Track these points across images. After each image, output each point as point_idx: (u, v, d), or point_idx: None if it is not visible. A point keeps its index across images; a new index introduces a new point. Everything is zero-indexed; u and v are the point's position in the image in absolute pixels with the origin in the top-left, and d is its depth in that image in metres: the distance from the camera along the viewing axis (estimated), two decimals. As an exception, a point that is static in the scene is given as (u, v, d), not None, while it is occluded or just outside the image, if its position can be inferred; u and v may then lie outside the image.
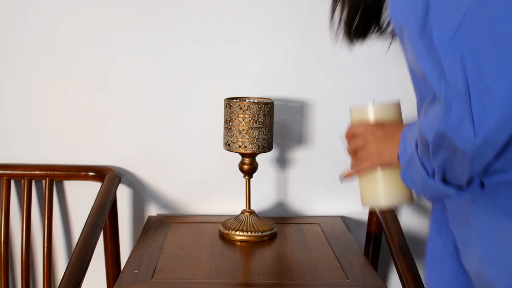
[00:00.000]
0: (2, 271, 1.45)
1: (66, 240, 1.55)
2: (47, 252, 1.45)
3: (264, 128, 1.30)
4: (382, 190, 0.90)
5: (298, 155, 1.54)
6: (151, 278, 1.11)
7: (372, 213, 1.50)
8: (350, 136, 0.92)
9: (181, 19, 1.46)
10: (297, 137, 1.53)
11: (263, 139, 1.30)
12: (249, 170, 1.34)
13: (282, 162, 1.54)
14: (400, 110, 0.92)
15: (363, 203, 0.95)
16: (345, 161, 1.52)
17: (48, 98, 1.49)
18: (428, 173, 0.73)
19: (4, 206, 1.45)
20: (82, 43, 1.47)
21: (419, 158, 0.73)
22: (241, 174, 1.36)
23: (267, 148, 1.32)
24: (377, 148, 0.87)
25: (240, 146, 1.30)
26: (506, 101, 0.58)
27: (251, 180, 1.37)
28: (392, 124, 0.88)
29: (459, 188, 0.71)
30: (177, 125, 1.51)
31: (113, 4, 1.45)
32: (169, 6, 1.45)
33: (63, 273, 1.11)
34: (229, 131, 1.31)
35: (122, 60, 1.48)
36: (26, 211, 1.45)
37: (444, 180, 0.72)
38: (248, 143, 1.29)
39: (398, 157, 0.81)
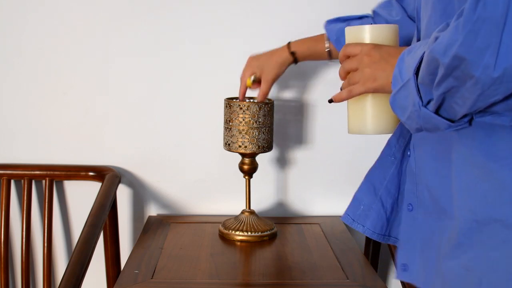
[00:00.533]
0: (2, 271, 1.45)
1: (66, 240, 1.55)
2: (47, 252, 1.45)
3: (264, 128, 1.30)
4: (370, 117, 0.86)
5: (298, 155, 1.54)
6: (151, 278, 1.11)
7: (372, 213, 1.50)
8: (345, 56, 0.86)
9: (181, 19, 1.46)
10: (297, 137, 1.53)
11: (263, 139, 1.30)
12: (249, 170, 1.34)
13: (282, 162, 1.54)
14: (398, 34, 0.88)
15: (349, 131, 0.91)
16: (345, 161, 1.53)
17: (48, 98, 1.49)
18: (422, 101, 0.71)
19: (4, 206, 1.45)
20: (82, 43, 1.47)
21: (416, 84, 0.70)
22: (241, 174, 1.36)
23: (267, 148, 1.32)
24: (372, 71, 0.82)
25: (240, 146, 1.30)
26: None
27: (251, 180, 1.37)
28: (390, 46, 0.83)
29: (450, 121, 0.70)
30: (177, 125, 1.51)
31: (113, 5, 1.45)
32: (169, 7, 1.45)
33: (63, 273, 1.11)
34: (229, 131, 1.31)
35: (122, 60, 1.48)
36: (26, 211, 1.45)
37: (437, 112, 0.71)
38: (248, 143, 1.29)
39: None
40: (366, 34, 0.85)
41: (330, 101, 0.91)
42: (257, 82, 1.29)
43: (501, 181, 0.68)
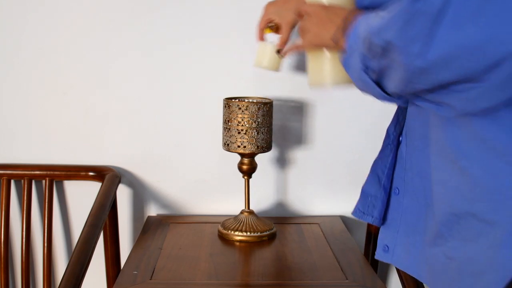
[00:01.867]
0: (2, 271, 1.45)
1: (66, 240, 1.55)
2: (47, 252, 1.45)
3: (263, 128, 1.30)
4: (328, 70, 0.93)
5: (298, 155, 1.54)
6: (150, 279, 1.11)
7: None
8: (300, 14, 0.96)
9: (180, 19, 1.46)
10: (297, 137, 1.53)
11: (262, 139, 1.30)
12: (248, 170, 1.35)
13: (282, 162, 1.54)
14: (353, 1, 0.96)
15: (310, 83, 0.98)
16: (345, 161, 1.53)
17: (48, 98, 1.49)
18: (365, 68, 0.77)
19: (4, 206, 1.45)
20: (82, 43, 1.47)
21: (362, 52, 0.76)
22: (240, 174, 1.36)
23: (266, 148, 1.32)
24: (317, 29, 0.90)
25: (239, 146, 1.30)
26: (467, 43, 0.59)
27: (250, 180, 1.37)
28: (337, 8, 0.90)
29: (386, 93, 0.76)
30: (176, 125, 1.51)
31: (113, 4, 1.45)
32: (169, 7, 1.45)
33: (63, 273, 1.12)
34: (228, 131, 1.31)
35: (122, 60, 1.48)
36: (26, 211, 1.45)
37: (377, 83, 0.77)
38: (247, 143, 1.29)
39: (332, 39, 0.86)
40: None
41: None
42: (275, 28, 1.19)
43: (473, 178, 0.70)
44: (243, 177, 1.36)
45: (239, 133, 1.29)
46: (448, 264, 0.76)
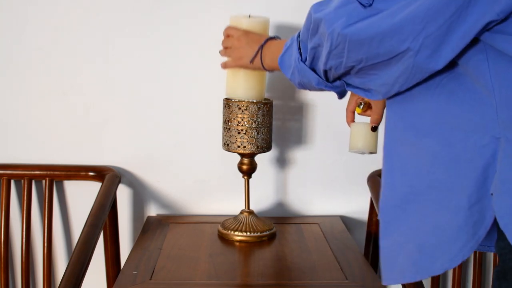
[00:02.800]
0: (2, 271, 1.45)
1: (66, 240, 1.56)
2: (47, 252, 1.45)
3: (263, 128, 1.30)
4: (242, 85, 1.26)
5: (298, 155, 1.54)
6: (150, 279, 1.11)
7: (372, 213, 1.50)
8: (225, 35, 1.21)
9: (181, 19, 1.46)
10: (297, 137, 1.53)
11: (262, 139, 1.30)
12: (248, 170, 1.34)
13: (281, 162, 1.54)
14: (268, 25, 1.27)
15: (226, 94, 1.31)
16: (344, 161, 1.53)
17: (48, 98, 1.49)
18: (301, 57, 0.87)
19: (4, 206, 1.45)
20: (82, 43, 1.47)
21: (298, 43, 0.88)
22: (240, 174, 1.36)
23: (266, 148, 1.32)
24: (238, 53, 1.16)
25: (239, 146, 1.30)
26: (379, 30, 0.68)
27: (250, 180, 1.37)
28: (256, 34, 1.16)
29: (322, 78, 0.85)
30: (176, 125, 1.51)
31: (113, 4, 1.45)
32: (169, 6, 1.45)
33: (63, 273, 1.12)
34: (228, 131, 1.31)
35: (122, 60, 1.48)
36: (26, 211, 1.45)
37: (313, 69, 0.86)
38: (247, 143, 1.29)
39: (251, 62, 1.12)
40: (243, 23, 1.21)
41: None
42: (366, 107, 1.14)
43: (431, 151, 0.73)
44: (243, 177, 1.36)
45: (239, 133, 1.29)
46: (400, 250, 0.77)
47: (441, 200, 0.73)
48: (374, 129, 1.12)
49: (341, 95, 0.91)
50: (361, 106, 1.12)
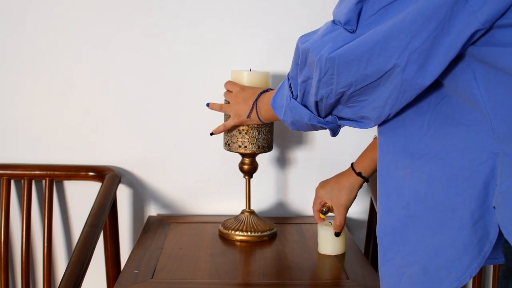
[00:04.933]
0: (2, 271, 1.45)
1: (66, 240, 1.55)
2: (47, 252, 1.45)
3: (264, 128, 1.30)
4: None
5: (298, 155, 1.54)
6: (151, 278, 1.11)
7: (372, 213, 1.50)
8: (226, 89, 1.26)
9: (181, 20, 1.46)
10: (297, 137, 1.53)
11: (263, 139, 1.30)
12: (249, 170, 1.34)
13: (282, 162, 1.54)
14: (268, 79, 1.29)
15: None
16: (345, 161, 1.53)
17: (48, 98, 1.49)
18: (292, 94, 0.87)
19: (4, 206, 1.45)
20: (82, 43, 1.47)
21: (288, 81, 0.88)
22: (241, 174, 1.36)
23: (267, 148, 1.32)
24: (236, 110, 1.20)
25: (240, 146, 1.30)
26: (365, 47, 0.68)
27: (251, 180, 1.37)
28: (252, 89, 1.19)
29: (314, 113, 0.84)
30: (177, 125, 1.51)
31: (113, 4, 1.45)
32: (169, 6, 1.45)
33: (63, 273, 1.12)
34: (229, 131, 1.30)
35: (122, 60, 1.48)
36: (26, 211, 1.45)
37: (304, 106, 0.86)
38: (248, 143, 1.29)
39: (248, 117, 1.16)
40: (244, 78, 1.26)
41: (211, 134, 1.27)
42: (329, 211, 1.22)
43: (428, 173, 0.73)
44: (244, 177, 1.36)
45: (240, 133, 1.29)
46: (403, 274, 0.77)
47: (442, 220, 0.72)
48: (337, 234, 1.22)
49: (333, 131, 0.91)
50: (324, 212, 1.22)
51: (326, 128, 0.89)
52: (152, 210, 1.55)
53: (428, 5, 0.62)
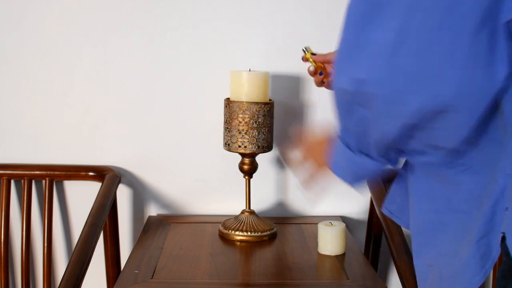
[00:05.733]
0: (2, 271, 1.45)
1: (66, 240, 1.55)
2: (47, 252, 1.45)
3: (264, 128, 1.30)
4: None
5: (298, 155, 1.53)
6: (151, 278, 1.11)
7: (372, 213, 1.50)
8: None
9: (181, 19, 1.46)
10: (297, 137, 1.53)
11: (263, 139, 1.30)
12: (249, 170, 1.34)
13: (282, 162, 1.54)
14: (268, 79, 1.29)
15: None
16: (345, 161, 1.53)
17: (48, 98, 1.49)
18: (349, 147, 0.79)
19: (4, 206, 1.45)
20: (82, 43, 1.47)
21: (341, 138, 0.80)
22: (241, 174, 1.36)
23: (267, 148, 1.32)
24: (317, 162, 1.03)
25: (240, 146, 1.30)
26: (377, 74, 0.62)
27: (251, 180, 1.37)
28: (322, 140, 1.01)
29: (376, 159, 0.77)
30: (177, 125, 1.51)
31: (113, 4, 1.45)
32: (169, 6, 1.45)
33: (63, 273, 1.12)
34: (228, 131, 1.31)
35: (122, 60, 1.48)
36: (26, 211, 1.45)
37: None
38: (248, 143, 1.29)
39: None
40: (244, 78, 1.26)
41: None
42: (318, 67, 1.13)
43: (460, 183, 0.73)
44: (244, 177, 1.36)
45: (239, 133, 1.29)
46: (429, 272, 0.79)
47: (463, 231, 0.73)
48: (321, 74, 1.13)
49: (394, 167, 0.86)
50: (305, 50, 1.11)
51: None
52: (152, 210, 1.55)
53: None
